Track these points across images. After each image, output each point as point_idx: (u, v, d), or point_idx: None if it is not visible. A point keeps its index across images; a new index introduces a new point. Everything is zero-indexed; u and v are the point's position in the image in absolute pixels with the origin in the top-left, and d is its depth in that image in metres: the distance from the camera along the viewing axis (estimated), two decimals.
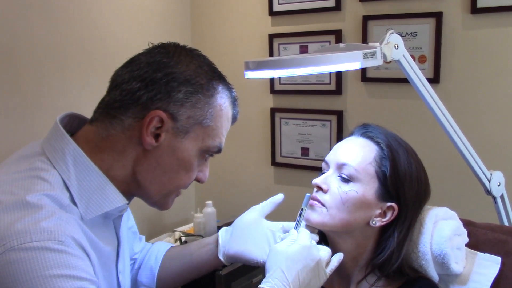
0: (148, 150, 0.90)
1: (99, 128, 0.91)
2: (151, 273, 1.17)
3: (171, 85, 0.88)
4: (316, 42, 2.21)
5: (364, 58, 1.08)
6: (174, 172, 0.92)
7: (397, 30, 1.18)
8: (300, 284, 0.92)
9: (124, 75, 0.90)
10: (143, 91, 0.88)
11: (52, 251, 0.76)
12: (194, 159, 0.93)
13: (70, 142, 0.89)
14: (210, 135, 0.93)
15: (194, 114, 0.90)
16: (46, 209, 0.80)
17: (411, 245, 1.08)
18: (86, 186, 0.88)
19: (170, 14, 2.50)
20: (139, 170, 0.91)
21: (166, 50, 0.92)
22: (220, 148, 0.96)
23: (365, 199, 1.03)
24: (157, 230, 2.43)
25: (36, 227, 0.76)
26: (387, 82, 2.08)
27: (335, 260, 1.00)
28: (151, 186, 0.93)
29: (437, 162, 1.92)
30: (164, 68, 0.89)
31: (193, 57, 0.93)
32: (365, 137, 1.08)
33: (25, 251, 0.74)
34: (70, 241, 0.79)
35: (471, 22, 1.89)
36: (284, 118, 2.37)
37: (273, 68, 1.09)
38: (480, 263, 1.13)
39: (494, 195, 1.33)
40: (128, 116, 0.89)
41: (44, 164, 0.87)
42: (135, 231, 1.19)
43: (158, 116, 0.87)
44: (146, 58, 0.91)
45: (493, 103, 1.88)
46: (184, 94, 0.89)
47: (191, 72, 0.90)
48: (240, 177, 2.55)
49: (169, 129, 0.89)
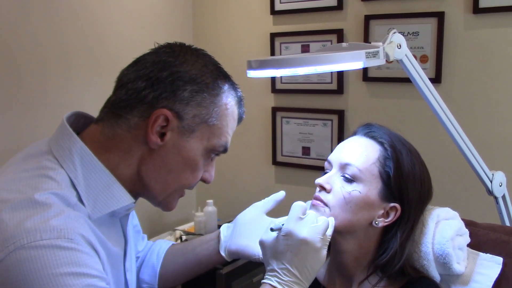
0: (153, 149, 0.90)
1: (105, 127, 0.91)
2: (153, 271, 1.17)
3: (177, 84, 0.88)
4: (318, 41, 2.21)
5: (367, 57, 1.07)
6: (179, 171, 0.92)
7: (399, 30, 1.18)
8: (297, 265, 0.92)
9: (130, 75, 0.91)
10: (149, 90, 0.88)
11: (62, 249, 0.76)
12: (199, 158, 0.93)
13: (77, 141, 0.89)
14: (215, 134, 0.93)
15: (200, 113, 0.90)
16: (54, 208, 0.80)
17: (413, 245, 1.07)
18: (93, 185, 0.88)
19: (172, 14, 2.49)
20: (144, 169, 0.91)
21: (172, 49, 0.92)
22: (226, 147, 0.96)
23: (368, 200, 1.02)
24: (158, 229, 2.43)
25: (46, 225, 0.77)
26: (388, 82, 2.08)
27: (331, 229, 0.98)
28: (156, 186, 0.93)
29: (439, 162, 1.92)
30: (170, 67, 0.89)
31: (199, 57, 0.93)
32: (368, 137, 1.08)
33: (35, 249, 0.74)
34: (80, 238, 0.79)
35: (473, 22, 1.88)
36: (285, 117, 2.37)
37: (275, 68, 1.09)
38: (482, 264, 1.12)
39: (496, 195, 1.32)
40: (134, 115, 0.89)
41: (52, 163, 0.87)
42: (138, 230, 1.20)
43: (164, 114, 0.87)
44: (152, 58, 0.91)
45: (495, 103, 1.88)
46: (189, 93, 0.89)
47: (197, 71, 0.90)
48: (241, 176, 2.55)
49: (174, 128, 0.89)
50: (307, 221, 0.94)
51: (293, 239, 0.92)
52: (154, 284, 1.18)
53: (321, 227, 0.94)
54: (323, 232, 0.95)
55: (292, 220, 0.94)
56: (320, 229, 0.94)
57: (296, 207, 0.96)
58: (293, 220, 0.94)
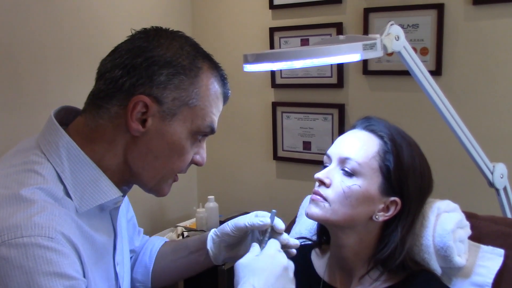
0: (137, 136, 0.89)
1: (88, 119, 0.91)
2: (145, 270, 1.17)
3: (152, 69, 0.88)
4: (317, 35, 2.20)
5: (364, 49, 1.07)
6: (166, 156, 0.91)
7: (399, 22, 1.17)
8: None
9: (107, 64, 0.91)
10: (125, 78, 0.87)
11: (42, 247, 0.76)
12: (185, 141, 0.92)
13: (64, 135, 0.89)
14: (199, 115, 0.92)
15: (179, 96, 0.89)
16: (38, 204, 0.80)
17: (414, 238, 1.07)
18: (80, 178, 0.87)
19: (171, 8, 2.49)
20: (130, 158, 0.91)
21: (147, 34, 0.92)
22: (212, 127, 0.94)
23: (368, 194, 1.02)
24: (159, 225, 2.43)
25: (28, 222, 0.76)
26: (388, 75, 2.07)
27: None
28: (144, 173, 0.92)
29: (439, 154, 1.91)
30: (144, 53, 0.88)
31: (174, 39, 0.92)
32: (368, 131, 1.07)
33: (15, 247, 0.74)
34: (60, 237, 0.79)
35: (473, 14, 1.87)
36: (286, 112, 2.36)
37: (272, 61, 1.08)
38: (483, 256, 1.12)
39: (497, 187, 1.32)
40: (113, 104, 0.88)
41: (38, 157, 0.87)
42: (134, 223, 1.19)
43: (142, 101, 0.87)
44: (127, 45, 0.91)
45: (495, 95, 1.87)
46: (166, 77, 0.88)
47: (171, 54, 0.89)
48: (242, 171, 2.55)
49: (155, 114, 0.88)
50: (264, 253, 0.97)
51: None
52: (148, 283, 1.17)
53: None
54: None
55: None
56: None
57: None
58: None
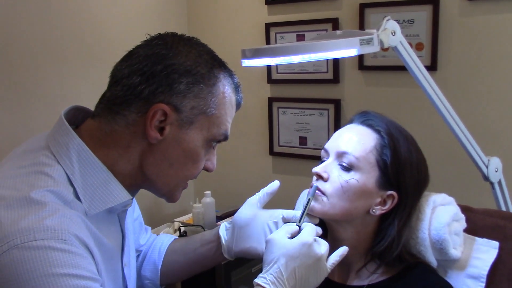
0: (153, 144, 0.89)
1: (102, 123, 0.90)
2: (154, 268, 1.17)
3: (172, 77, 0.87)
4: (313, 30, 2.20)
5: (361, 44, 1.07)
6: (181, 164, 0.92)
7: (394, 18, 1.18)
8: (297, 281, 0.91)
9: (123, 70, 0.89)
10: (144, 85, 0.87)
11: (55, 250, 0.75)
12: (200, 149, 0.92)
13: (75, 137, 0.88)
14: (215, 124, 0.92)
15: (198, 104, 0.89)
16: (49, 206, 0.79)
17: (410, 231, 1.08)
18: (90, 181, 0.87)
19: (167, 4, 2.48)
20: (145, 164, 0.91)
21: (164, 41, 0.91)
22: (226, 135, 0.95)
23: (365, 188, 1.03)
24: (156, 221, 2.43)
25: (40, 225, 0.76)
26: (384, 70, 2.07)
27: (338, 255, 0.98)
28: (159, 179, 0.92)
29: (435, 148, 1.92)
30: (163, 60, 0.88)
31: (192, 46, 0.92)
32: (365, 125, 1.08)
33: (28, 250, 0.74)
34: (73, 239, 0.78)
35: (469, 9, 1.88)
36: (282, 107, 2.37)
37: (270, 56, 1.09)
38: (478, 248, 1.13)
39: (491, 180, 1.33)
40: (131, 111, 0.88)
41: (48, 159, 0.86)
42: (141, 222, 1.19)
43: (161, 109, 0.86)
44: (144, 51, 0.90)
45: (490, 89, 1.88)
46: (186, 85, 0.88)
47: (191, 62, 0.89)
48: (239, 167, 2.56)
49: (173, 122, 0.88)
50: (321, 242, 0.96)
51: (310, 253, 0.93)
52: (156, 281, 1.17)
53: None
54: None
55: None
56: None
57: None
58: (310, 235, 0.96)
